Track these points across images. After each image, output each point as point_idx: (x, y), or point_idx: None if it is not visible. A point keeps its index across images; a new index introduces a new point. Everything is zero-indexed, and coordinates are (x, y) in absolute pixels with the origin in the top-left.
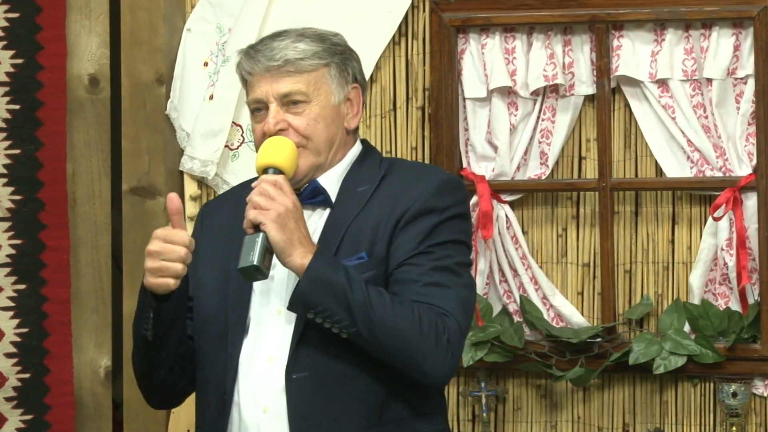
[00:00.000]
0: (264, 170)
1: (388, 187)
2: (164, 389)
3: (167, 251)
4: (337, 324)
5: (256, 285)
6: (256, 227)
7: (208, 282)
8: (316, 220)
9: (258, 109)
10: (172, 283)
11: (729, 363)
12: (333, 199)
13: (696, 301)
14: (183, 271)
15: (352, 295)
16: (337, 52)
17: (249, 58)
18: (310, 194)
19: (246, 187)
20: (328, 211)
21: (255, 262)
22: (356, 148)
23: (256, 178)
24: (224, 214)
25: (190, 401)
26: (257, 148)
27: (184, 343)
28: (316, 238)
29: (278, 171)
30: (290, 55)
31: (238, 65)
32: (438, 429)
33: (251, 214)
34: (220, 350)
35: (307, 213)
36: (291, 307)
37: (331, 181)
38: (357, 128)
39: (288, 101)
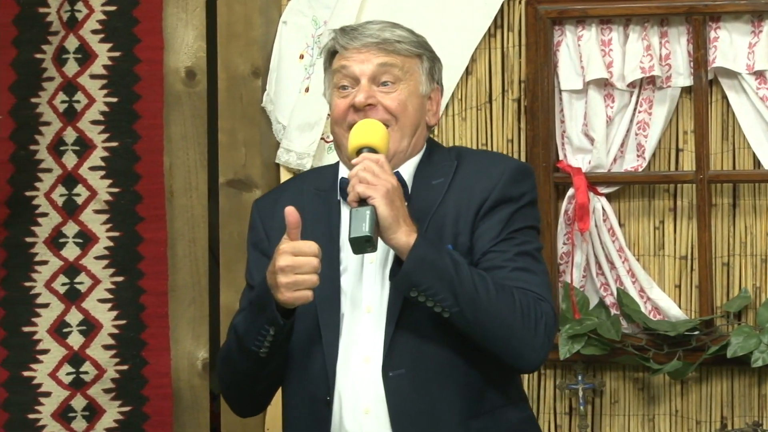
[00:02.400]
0: (358, 151)
1: (462, 178)
2: (261, 399)
3: (300, 264)
4: (440, 303)
5: (344, 285)
6: (362, 201)
7: None
8: None
9: (344, 86)
10: (310, 295)
11: None
12: (409, 191)
13: None
14: (317, 282)
15: (456, 274)
16: (428, 49)
17: (345, 34)
18: None
19: (299, 180)
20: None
21: (368, 232)
22: (426, 144)
23: (304, 174)
24: (283, 211)
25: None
26: (335, 124)
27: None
28: None
29: (373, 151)
30: (389, 36)
31: (332, 40)
32: (527, 415)
33: (360, 188)
34: (313, 351)
35: None
36: (396, 284)
37: (407, 173)
38: (432, 129)
39: (380, 80)
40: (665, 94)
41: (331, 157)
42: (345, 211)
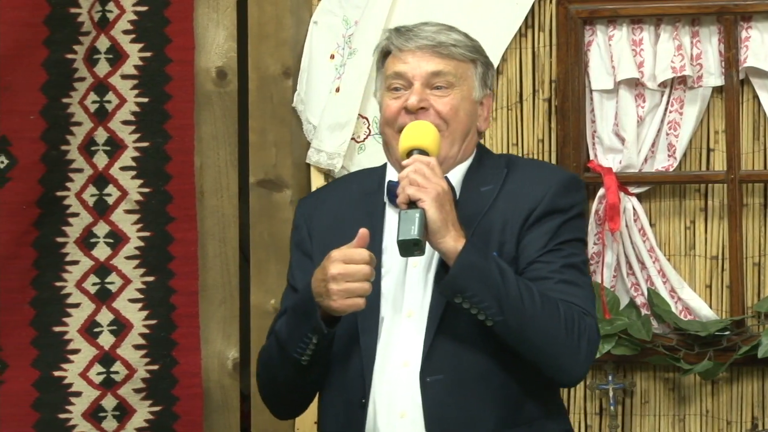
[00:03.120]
0: (409, 153)
1: (512, 186)
2: (300, 403)
3: (352, 272)
4: (484, 311)
5: (385, 289)
6: (411, 204)
7: None
8: None
9: (397, 87)
10: (362, 302)
11: None
12: (457, 196)
13: None
14: (370, 290)
15: (502, 283)
16: (483, 54)
17: (400, 35)
18: None
19: (345, 181)
20: None
21: (417, 236)
22: (476, 150)
23: (351, 174)
24: (329, 212)
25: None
26: (386, 125)
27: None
28: None
29: (423, 153)
30: (444, 39)
31: (386, 40)
32: (564, 429)
33: (410, 190)
34: (351, 354)
35: None
36: (441, 289)
37: (456, 178)
38: (482, 134)
39: (433, 83)
40: (696, 94)
41: (361, 157)
42: (389, 214)
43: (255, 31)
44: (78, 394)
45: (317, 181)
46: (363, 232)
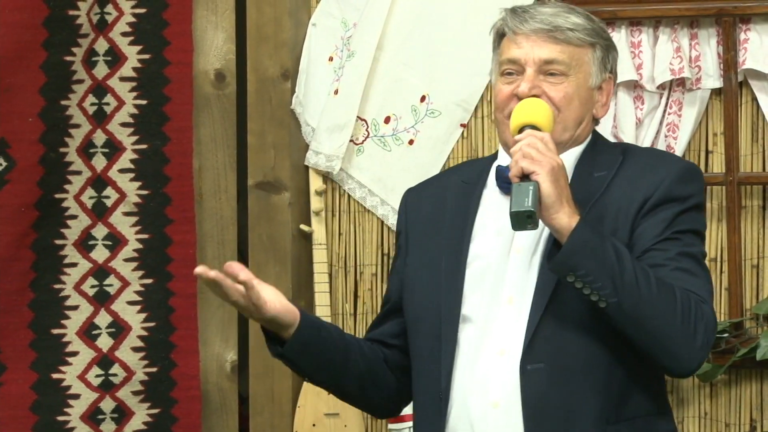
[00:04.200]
0: (520, 129)
1: (627, 173)
2: (371, 402)
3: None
4: (597, 291)
5: (485, 274)
6: (525, 178)
7: (418, 276)
8: None
9: (510, 72)
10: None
11: None
12: (569, 180)
13: None
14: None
15: (618, 262)
16: (603, 37)
17: (516, 16)
18: None
19: (450, 171)
20: None
21: (531, 207)
22: (590, 136)
23: (457, 165)
24: (427, 203)
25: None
26: (498, 110)
27: (358, 362)
28: None
29: (536, 129)
30: (561, 23)
31: (501, 21)
32: (670, 429)
33: (524, 162)
34: (434, 347)
35: None
36: (553, 266)
37: (568, 163)
38: (598, 121)
39: (547, 70)
40: (695, 96)
41: (360, 159)
42: (484, 201)
43: (253, 33)
44: (76, 396)
45: (316, 183)
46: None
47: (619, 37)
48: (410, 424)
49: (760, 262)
